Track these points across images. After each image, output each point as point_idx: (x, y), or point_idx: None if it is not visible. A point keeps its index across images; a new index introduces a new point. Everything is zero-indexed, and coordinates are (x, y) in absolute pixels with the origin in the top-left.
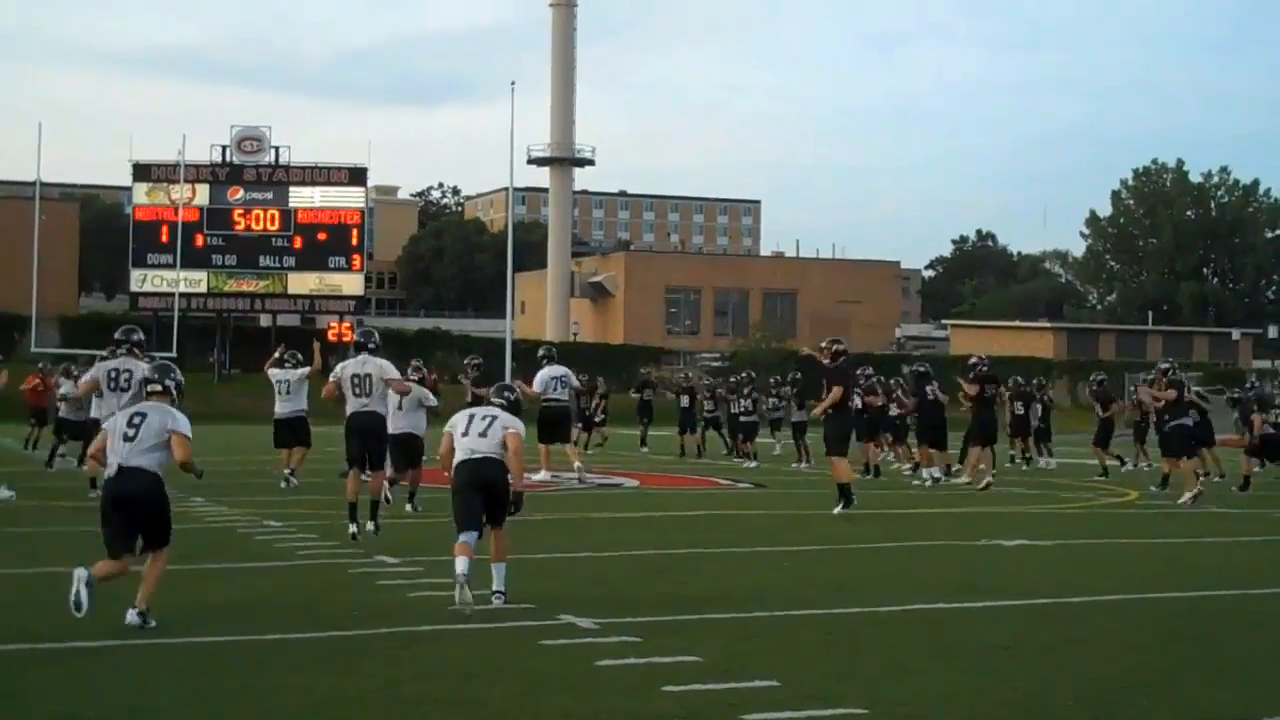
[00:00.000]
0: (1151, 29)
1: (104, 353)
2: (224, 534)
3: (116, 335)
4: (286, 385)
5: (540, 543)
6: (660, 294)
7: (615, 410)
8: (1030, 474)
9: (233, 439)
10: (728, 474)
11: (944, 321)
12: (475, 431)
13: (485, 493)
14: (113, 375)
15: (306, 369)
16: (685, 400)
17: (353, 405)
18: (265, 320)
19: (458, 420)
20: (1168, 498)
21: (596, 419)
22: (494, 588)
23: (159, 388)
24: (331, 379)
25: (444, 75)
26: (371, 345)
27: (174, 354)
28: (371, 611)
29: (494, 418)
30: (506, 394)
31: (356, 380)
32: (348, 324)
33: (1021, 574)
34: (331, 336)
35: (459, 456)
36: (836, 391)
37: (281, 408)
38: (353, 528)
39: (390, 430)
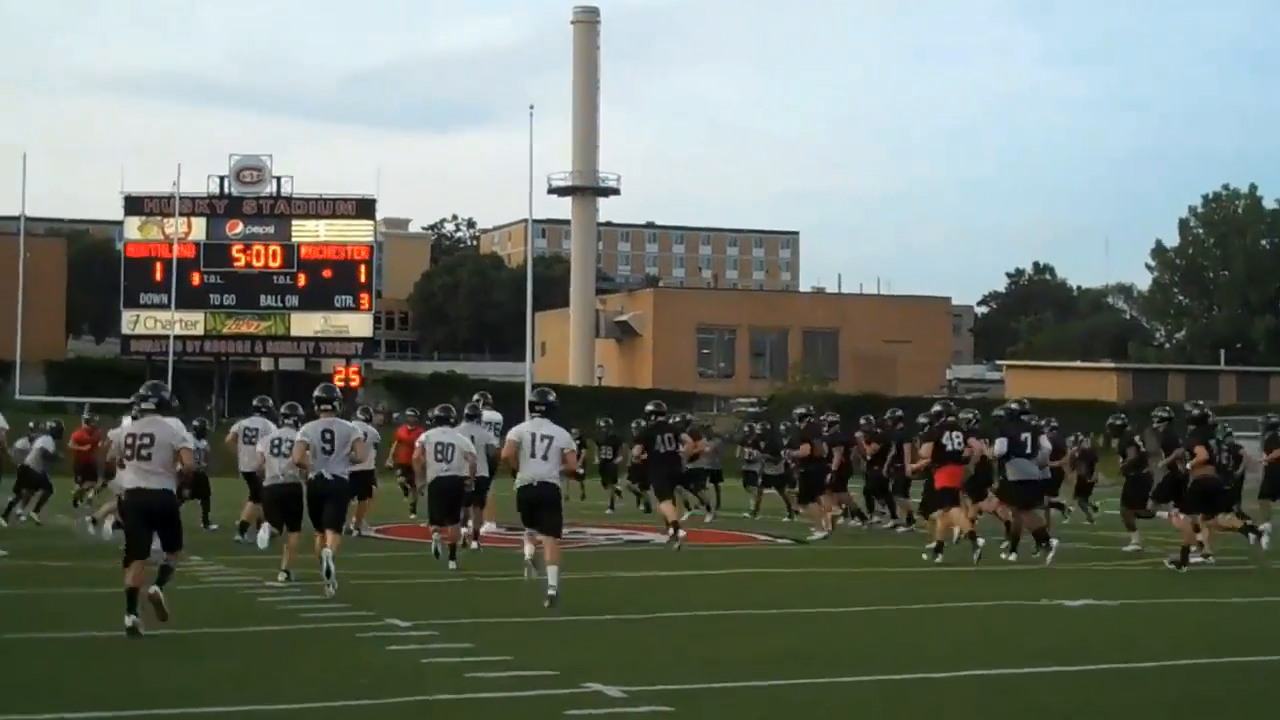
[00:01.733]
0: (1220, 44)
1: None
2: (224, 595)
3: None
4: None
5: (563, 604)
6: (691, 333)
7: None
8: (1081, 527)
9: (233, 492)
10: (766, 529)
11: (998, 362)
12: (539, 454)
13: (545, 509)
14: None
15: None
16: (608, 452)
17: (435, 470)
18: (267, 364)
19: (524, 438)
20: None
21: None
22: (550, 584)
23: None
24: (418, 446)
25: (458, 99)
26: (452, 420)
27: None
28: (383, 678)
29: (550, 439)
30: (549, 398)
31: (440, 448)
32: (355, 368)
33: (1084, 636)
34: (337, 381)
35: (523, 481)
36: (926, 449)
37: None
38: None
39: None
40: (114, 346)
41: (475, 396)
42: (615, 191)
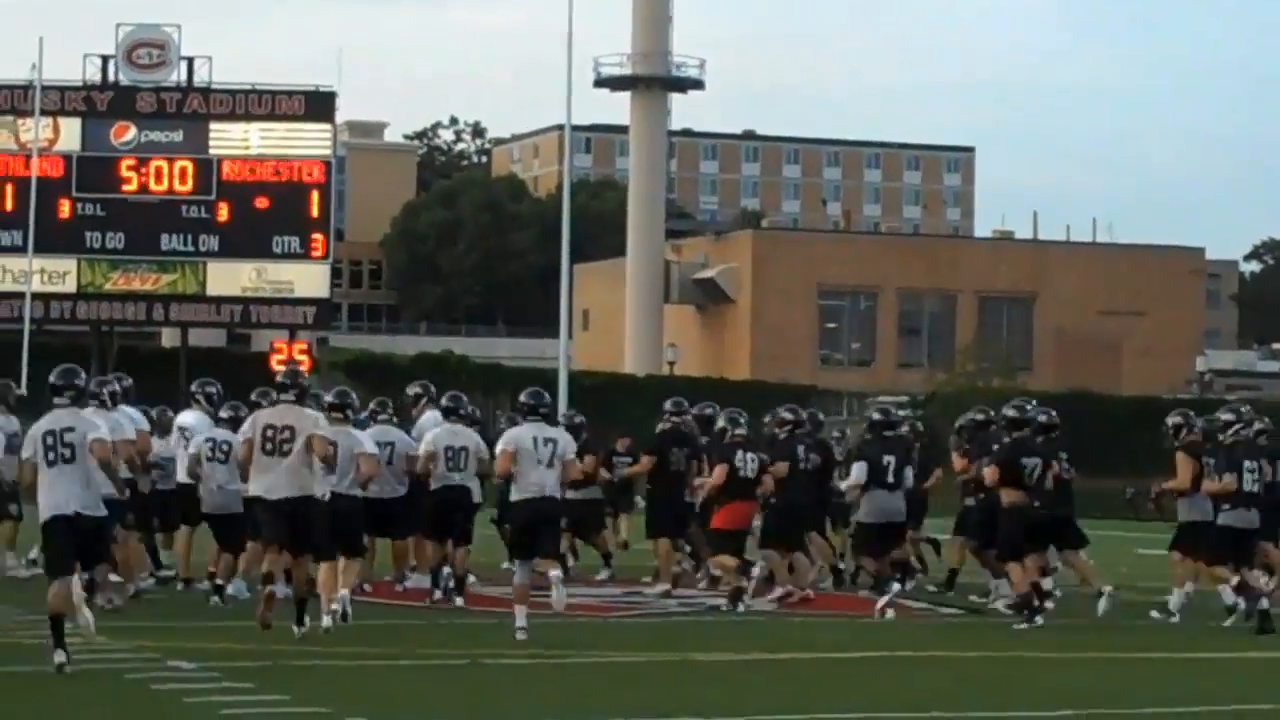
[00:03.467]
0: None
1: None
2: (105, 682)
3: (54, 380)
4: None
5: (611, 701)
6: (811, 299)
7: None
8: None
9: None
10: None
11: (1276, 346)
12: (543, 461)
13: (549, 527)
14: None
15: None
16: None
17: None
18: (170, 337)
19: (525, 443)
20: None
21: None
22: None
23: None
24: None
25: None
26: (463, 411)
27: (22, 390)
28: None
29: (555, 442)
30: (547, 400)
31: (450, 453)
32: (302, 344)
33: None
34: (277, 364)
35: (524, 493)
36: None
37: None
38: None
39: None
40: None
41: (415, 388)
42: (697, 84)
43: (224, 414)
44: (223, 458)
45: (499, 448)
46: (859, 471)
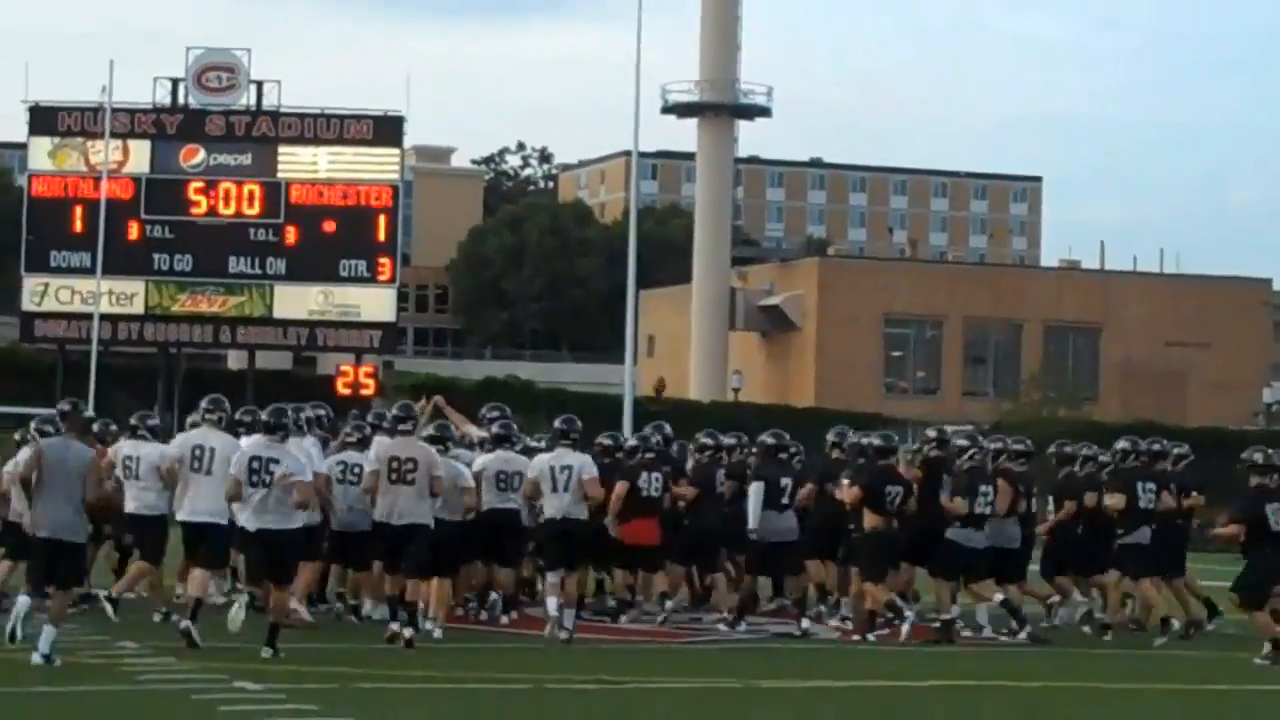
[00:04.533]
0: None
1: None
2: (173, 703)
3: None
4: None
5: None
6: (876, 326)
7: None
8: None
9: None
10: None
11: None
12: (560, 486)
13: (572, 543)
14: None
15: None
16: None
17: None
18: (236, 360)
19: (543, 475)
20: None
21: None
22: (564, 625)
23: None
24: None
25: None
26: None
27: (89, 411)
28: None
29: (570, 468)
30: (579, 426)
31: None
32: (369, 368)
33: None
34: (343, 386)
35: (549, 514)
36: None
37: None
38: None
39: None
40: (9, 329)
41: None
42: (765, 112)
43: (351, 437)
44: (354, 479)
45: (528, 475)
46: (755, 492)
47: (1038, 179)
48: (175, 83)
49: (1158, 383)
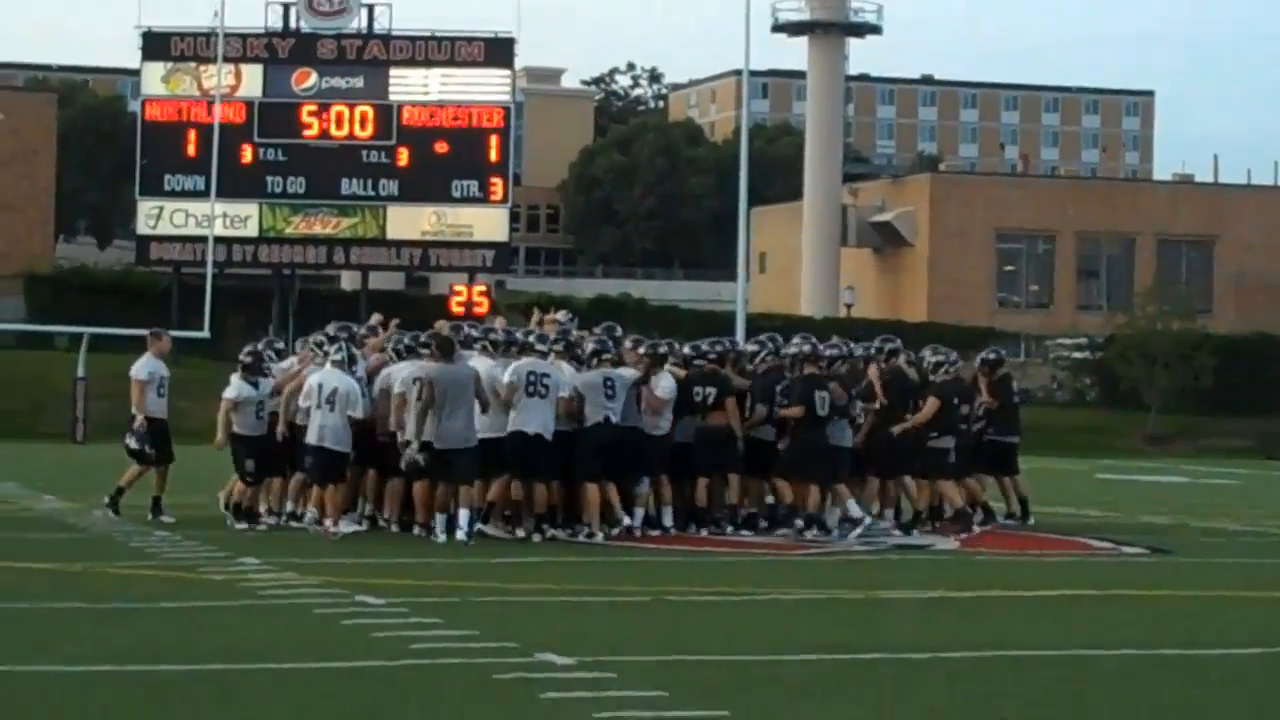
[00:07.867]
0: None
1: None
2: (295, 617)
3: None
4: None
5: (797, 637)
6: (988, 242)
7: None
8: None
9: None
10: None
11: None
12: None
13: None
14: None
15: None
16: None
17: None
18: (350, 281)
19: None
20: None
21: None
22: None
23: None
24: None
25: None
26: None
27: (205, 332)
28: None
29: (613, 379)
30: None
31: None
32: (483, 287)
33: None
34: (457, 306)
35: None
36: None
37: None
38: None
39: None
40: (125, 253)
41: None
42: (875, 29)
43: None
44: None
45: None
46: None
47: (1150, 93)
48: (287, 7)
49: (1273, 295)
